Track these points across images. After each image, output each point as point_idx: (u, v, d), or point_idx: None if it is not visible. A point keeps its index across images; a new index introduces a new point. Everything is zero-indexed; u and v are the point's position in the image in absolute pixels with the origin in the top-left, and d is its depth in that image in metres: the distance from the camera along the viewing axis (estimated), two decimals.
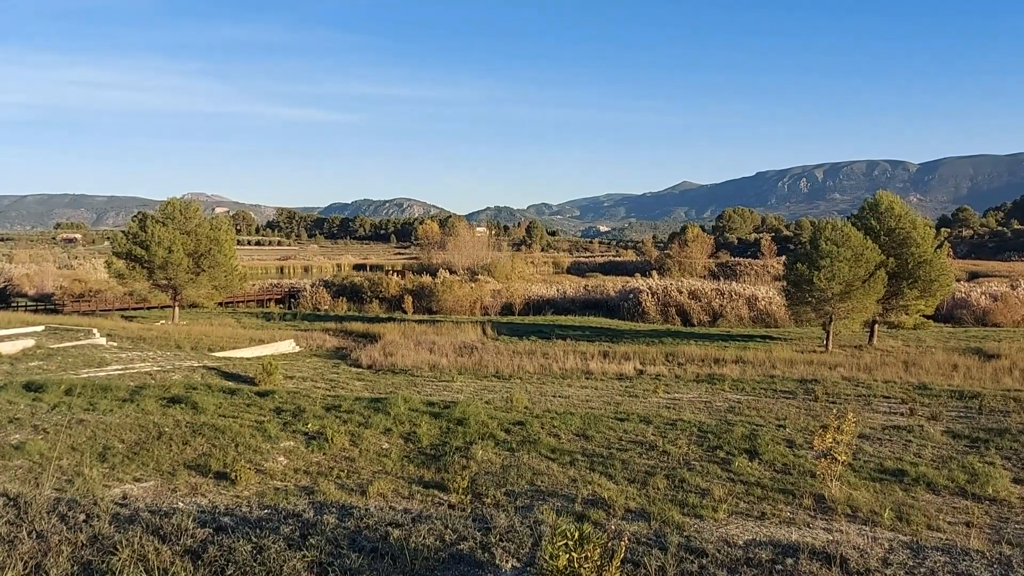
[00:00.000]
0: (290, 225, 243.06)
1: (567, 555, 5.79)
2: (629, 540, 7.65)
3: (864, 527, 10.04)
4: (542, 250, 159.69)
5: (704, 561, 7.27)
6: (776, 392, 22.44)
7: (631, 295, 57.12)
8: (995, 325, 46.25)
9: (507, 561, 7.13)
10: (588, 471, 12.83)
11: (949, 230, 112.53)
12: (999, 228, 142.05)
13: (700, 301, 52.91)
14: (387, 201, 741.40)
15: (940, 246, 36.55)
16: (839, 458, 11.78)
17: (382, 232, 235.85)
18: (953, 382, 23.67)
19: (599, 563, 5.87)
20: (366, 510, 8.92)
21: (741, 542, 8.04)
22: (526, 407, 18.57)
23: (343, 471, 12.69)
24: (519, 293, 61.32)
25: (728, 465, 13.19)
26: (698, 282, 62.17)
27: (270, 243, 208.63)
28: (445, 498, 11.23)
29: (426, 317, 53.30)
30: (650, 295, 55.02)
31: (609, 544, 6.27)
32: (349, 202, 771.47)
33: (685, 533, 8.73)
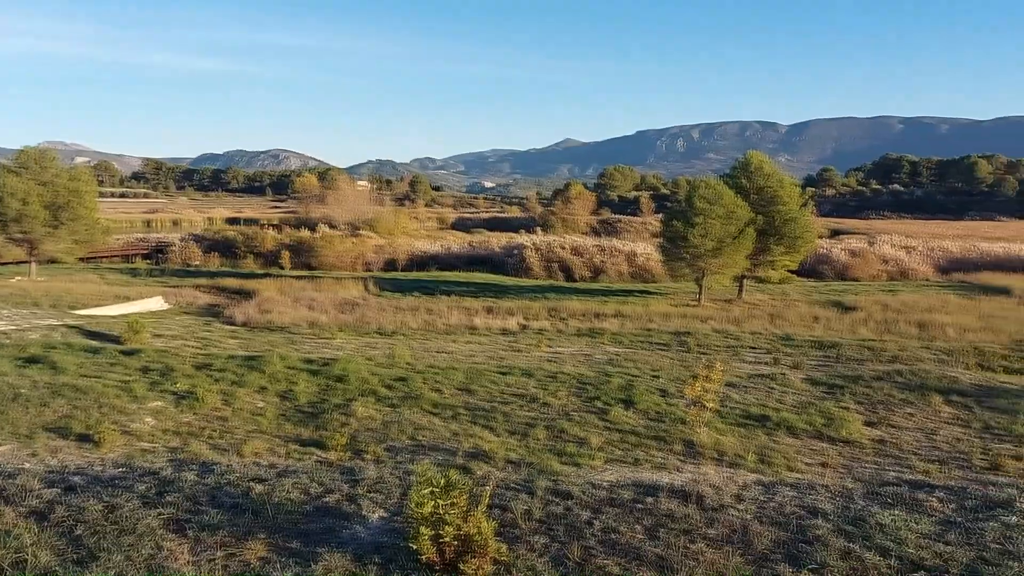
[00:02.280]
0: (157, 176, 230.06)
1: (432, 502, 5.85)
2: (498, 486, 7.86)
3: (729, 469, 10.57)
4: (426, 205, 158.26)
5: (570, 503, 7.60)
6: (652, 344, 23.20)
7: (516, 251, 57.57)
8: (854, 279, 49.26)
9: (374, 511, 7.19)
10: (470, 424, 12.94)
11: (814, 189, 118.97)
12: (860, 188, 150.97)
13: (582, 257, 53.93)
14: (262, 152, 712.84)
15: (805, 204, 38.45)
16: (708, 405, 12.34)
17: (257, 184, 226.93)
18: (814, 333, 25.05)
19: (466, 509, 5.96)
20: (228, 466, 8.71)
21: (606, 484, 8.40)
22: (408, 363, 18.48)
23: (215, 431, 12.29)
24: (403, 249, 60.67)
25: (606, 415, 13.59)
26: (581, 238, 63.30)
27: (136, 195, 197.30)
28: (324, 456, 11.06)
29: (305, 273, 51.99)
30: (534, 251, 55.62)
31: (476, 490, 6.39)
32: (221, 153, 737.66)
33: (555, 478, 9.01)
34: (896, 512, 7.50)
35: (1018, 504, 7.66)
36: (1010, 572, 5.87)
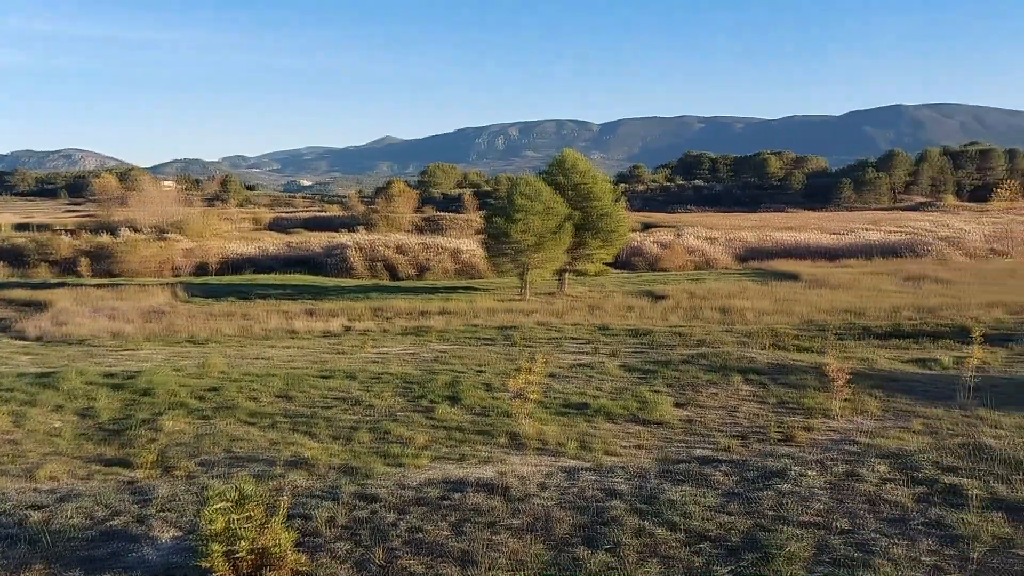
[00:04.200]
0: None
1: (225, 517, 5.56)
2: (302, 494, 7.68)
3: (552, 457, 10.75)
4: (239, 205, 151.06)
5: (376, 506, 7.54)
6: (478, 340, 23.34)
7: (337, 251, 56.22)
8: (663, 270, 52.00)
9: (166, 531, 6.81)
10: (290, 432, 12.42)
11: (626, 185, 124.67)
12: (667, 183, 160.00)
13: (407, 255, 53.52)
14: (53, 152, 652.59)
15: (618, 199, 40.15)
16: (531, 397, 12.49)
17: (49, 187, 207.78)
18: (629, 322, 26.13)
19: (262, 521, 5.72)
20: (2, 495, 7.92)
21: (414, 484, 8.38)
22: (223, 372, 17.52)
23: (5, 456, 11.08)
24: (215, 252, 57.64)
25: (431, 413, 13.46)
26: (405, 236, 62.80)
27: None
28: (131, 475, 10.22)
29: (107, 281, 48.16)
30: (357, 250, 54.56)
31: (277, 501, 6.20)
32: (6, 153, 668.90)
33: (363, 481, 8.90)
34: (685, 488, 7.91)
35: (791, 473, 8.22)
36: (782, 536, 6.32)
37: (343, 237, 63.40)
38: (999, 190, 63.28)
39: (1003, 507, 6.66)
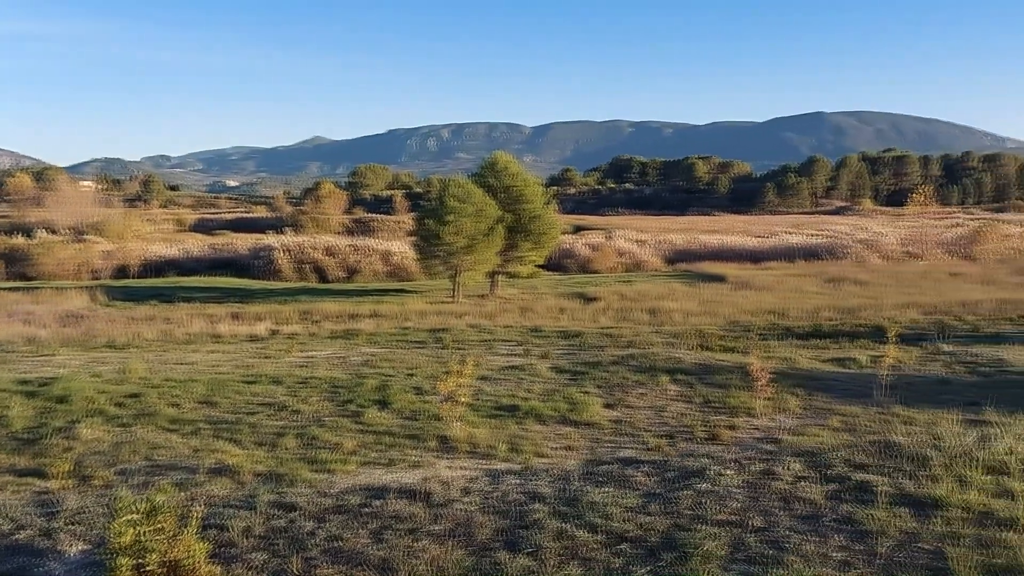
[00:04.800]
0: None
1: (133, 529, 5.43)
2: (217, 504, 7.54)
3: (482, 460, 10.75)
4: (162, 206, 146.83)
5: (294, 515, 7.43)
6: (409, 343, 23.17)
7: (264, 253, 55.17)
8: (595, 272, 52.59)
9: (74, 545, 6.62)
10: (213, 439, 12.10)
11: (557, 188, 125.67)
12: (597, 186, 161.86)
13: (336, 257, 52.86)
14: None
15: (549, 202, 40.46)
16: (461, 400, 12.47)
17: None
18: (561, 323, 26.32)
19: (174, 533, 5.60)
20: None
21: (335, 492, 8.31)
22: (143, 377, 17.00)
23: None
24: (136, 254, 55.92)
25: (360, 417, 13.30)
26: (334, 238, 61.96)
27: None
28: (44, 485, 9.83)
29: (20, 284, 46.24)
30: (284, 252, 53.64)
31: (193, 511, 6.08)
32: None
33: (281, 490, 8.80)
34: (607, 489, 7.99)
35: (709, 472, 8.39)
36: (699, 535, 6.45)
37: (270, 239, 62.19)
38: (914, 195, 65.79)
39: (909, 502, 6.94)
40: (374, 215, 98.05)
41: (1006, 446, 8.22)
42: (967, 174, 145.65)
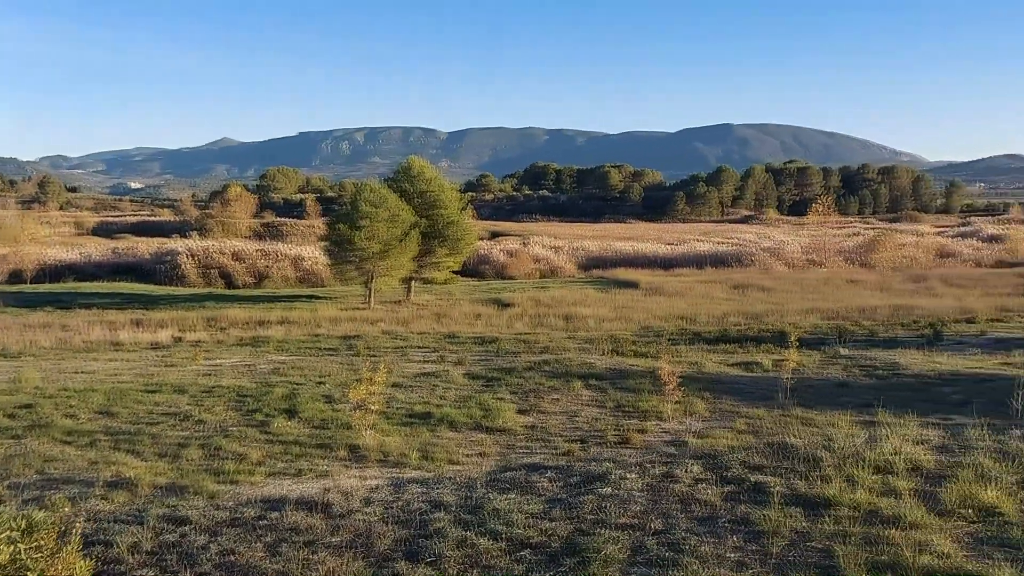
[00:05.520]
0: None
1: (11, 547, 5.19)
2: (104, 519, 7.30)
3: (393, 469, 10.67)
4: (60, 208, 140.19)
5: (186, 528, 7.24)
6: (320, 350, 22.81)
7: (168, 257, 53.49)
8: (511, 278, 52.95)
9: None
10: (112, 451, 11.65)
11: (474, 194, 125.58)
12: (514, 193, 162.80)
13: (244, 263, 51.66)
14: None
15: (465, 208, 40.50)
16: (372, 408, 12.35)
17: None
18: (476, 330, 26.38)
19: (55, 550, 5.38)
20: None
21: (229, 504, 8.12)
22: (37, 387, 16.28)
23: None
24: (31, 258, 53.32)
25: (267, 427, 13.02)
26: (242, 243, 60.51)
27: None
28: None
29: None
30: (190, 257, 52.12)
31: (76, 527, 5.86)
32: None
33: (173, 503, 8.56)
34: (511, 496, 7.99)
35: (612, 476, 8.46)
36: (600, 539, 6.53)
37: (175, 243, 60.33)
38: (815, 205, 68.68)
39: (802, 502, 7.21)
40: (285, 219, 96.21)
41: (893, 446, 8.64)
42: (865, 185, 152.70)
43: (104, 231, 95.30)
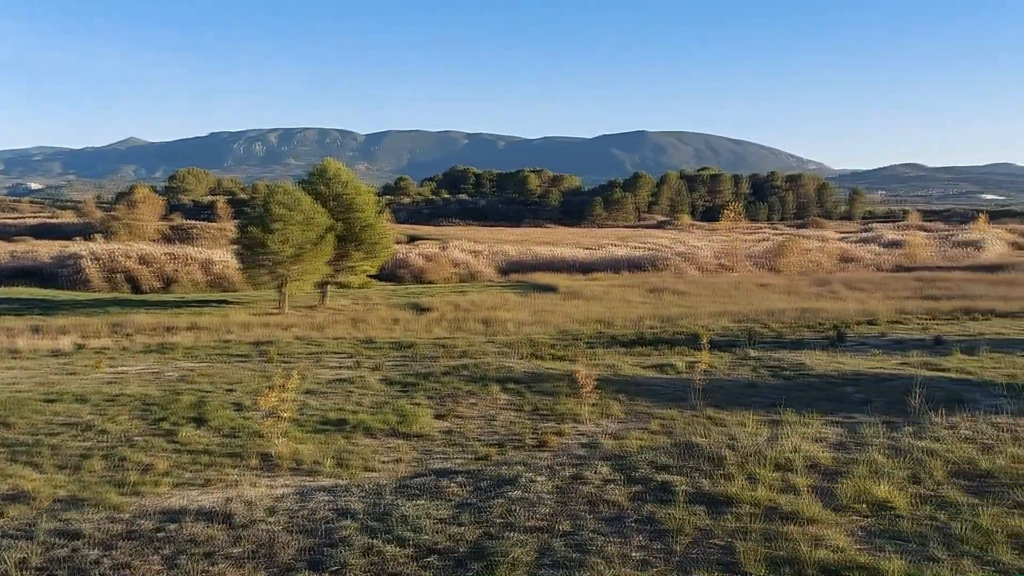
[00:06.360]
0: None
1: None
2: None
3: (306, 478, 10.50)
4: None
5: (78, 543, 7.03)
6: (231, 357, 22.24)
7: (70, 261, 51.21)
8: (429, 282, 52.65)
9: None
10: (8, 463, 11.16)
11: (392, 197, 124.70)
12: (432, 197, 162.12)
13: (152, 266, 49.89)
14: None
15: (381, 212, 40.11)
16: (284, 415, 12.13)
17: None
18: (394, 334, 26.13)
19: None
20: None
21: (125, 517, 7.91)
22: None
23: None
24: None
25: (174, 436, 12.66)
26: (149, 246, 58.37)
27: None
28: None
29: None
30: (93, 261, 50.01)
31: None
32: None
33: (64, 517, 8.30)
34: (420, 501, 8.00)
35: (522, 479, 8.56)
36: (508, 543, 6.59)
37: (77, 246, 57.80)
38: (726, 211, 70.59)
39: (705, 500, 7.44)
40: (195, 222, 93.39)
41: (793, 444, 9.00)
42: (773, 192, 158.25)
43: (1, 234, 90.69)
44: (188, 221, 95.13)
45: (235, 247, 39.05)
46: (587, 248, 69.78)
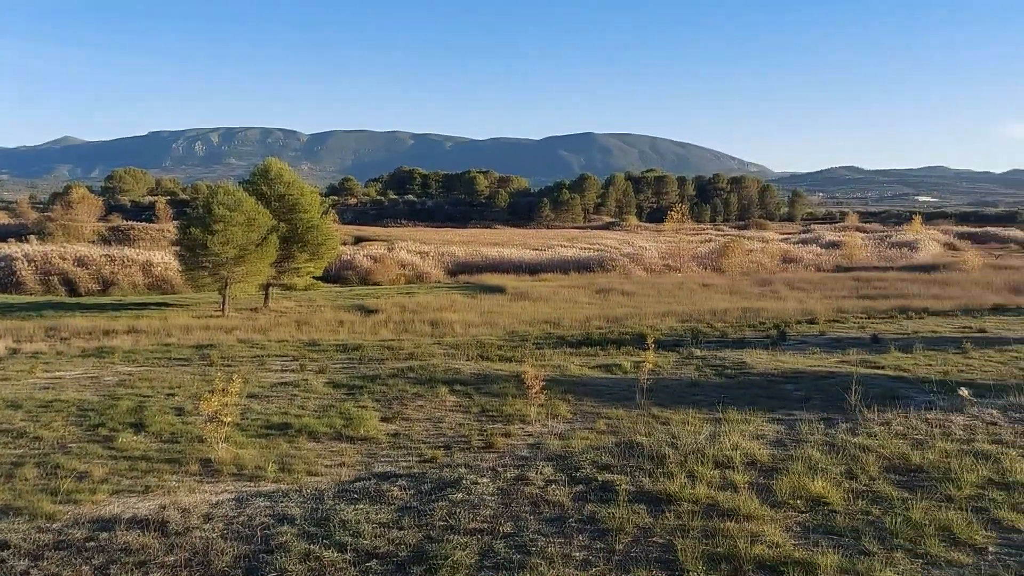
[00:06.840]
0: None
1: None
2: None
3: (249, 483, 10.36)
4: None
5: (5, 554, 6.86)
6: (171, 360, 21.78)
7: (3, 263, 49.48)
8: (376, 283, 52.20)
9: None
10: None
11: (337, 198, 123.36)
12: (379, 197, 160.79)
13: (89, 269, 48.53)
14: None
15: (326, 212, 39.64)
16: (225, 420, 11.93)
17: None
18: (339, 337, 25.86)
19: None
20: None
21: (55, 527, 7.73)
22: None
23: None
24: None
25: (111, 442, 12.37)
26: (86, 248, 56.72)
27: None
28: None
29: None
30: (27, 263, 48.45)
31: None
32: None
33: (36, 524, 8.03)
34: (361, 506, 7.93)
35: (465, 482, 8.54)
36: (450, 545, 6.58)
37: (10, 248, 55.82)
38: (672, 213, 71.50)
39: (646, 499, 7.53)
40: (133, 223, 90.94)
41: (732, 442, 9.18)
42: (717, 194, 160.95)
43: None
44: (127, 222, 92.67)
45: (176, 249, 38.20)
46: (535, 249, 69.98)
